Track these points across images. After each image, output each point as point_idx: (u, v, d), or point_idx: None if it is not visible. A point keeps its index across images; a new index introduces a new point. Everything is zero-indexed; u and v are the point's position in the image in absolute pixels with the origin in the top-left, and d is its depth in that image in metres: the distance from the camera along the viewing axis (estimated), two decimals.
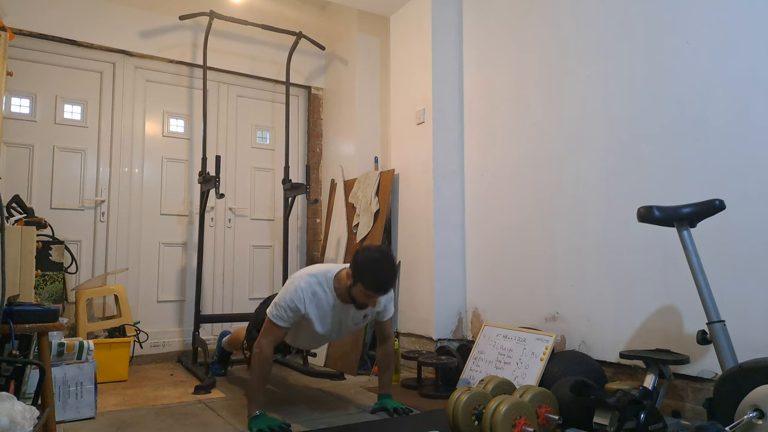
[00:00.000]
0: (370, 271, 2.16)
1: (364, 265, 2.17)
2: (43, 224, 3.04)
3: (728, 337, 1.84)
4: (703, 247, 2.00)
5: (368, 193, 3.80)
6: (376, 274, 2.16)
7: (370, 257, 2.18)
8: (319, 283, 2.27)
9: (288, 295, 2.24)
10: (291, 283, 2.28)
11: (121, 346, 3.10)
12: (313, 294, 2.26)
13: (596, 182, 2.65)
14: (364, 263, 2.17)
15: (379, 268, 2.16)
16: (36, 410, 1.48)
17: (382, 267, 2.17)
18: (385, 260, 2.19)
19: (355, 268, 2.18)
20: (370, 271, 2.15)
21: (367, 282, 2.15)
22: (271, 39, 4.29)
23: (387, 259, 2.20)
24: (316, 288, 2.26)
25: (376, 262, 2.17)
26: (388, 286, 2.21)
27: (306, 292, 2.24)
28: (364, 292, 2.16)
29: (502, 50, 3.26)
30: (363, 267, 2.16)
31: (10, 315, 1.63)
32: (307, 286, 2.25)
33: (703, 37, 2.26)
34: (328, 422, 2.30)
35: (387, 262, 2.19)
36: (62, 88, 3.67)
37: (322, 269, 2.33)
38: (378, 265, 2.17)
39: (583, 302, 2.66)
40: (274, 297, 2.37)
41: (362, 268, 2.16)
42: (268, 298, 2.63)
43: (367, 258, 2.18)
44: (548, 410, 2.01)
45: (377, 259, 2.17)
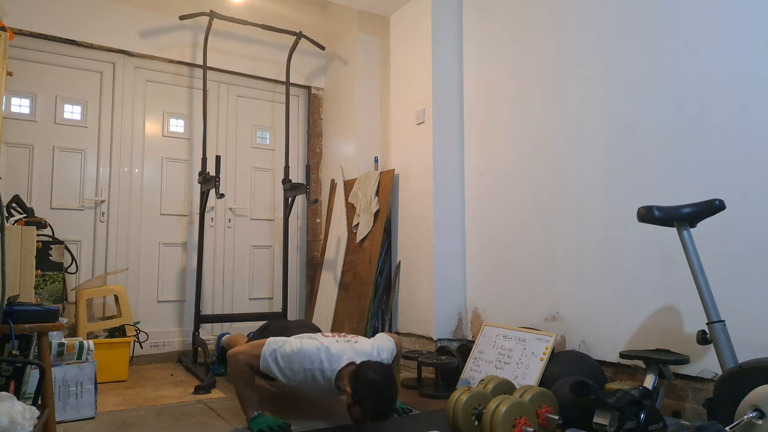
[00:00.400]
0: (370, 397, 2.00)
1: (365, 390, 2.01)
2: (43, 224, 3.04)
3: (728, 337, 1.84)
4: (703, 247, 2.00)
5: (368, 193, 3.80)
6: (377, 403, 2.01)
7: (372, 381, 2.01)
8: (322, 373, 2.15)
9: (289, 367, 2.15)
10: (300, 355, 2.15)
11: (121, 346, 3.10)
12: (313, 379, 2.17)
13: (596, 182, 2.65)
14: (365, 387, 2.01)
15: (380, 396, 2.01)
16: (36, 410, 1.48)
17: (383, 394, 2.02)
18: (386, 384, 2.03)
19: (355, 391, 2.03)
20: (371, 398, 2.00)
21: (367, 409, 2.02)
22: (271, 39, 4.29)
23: (389, 383, 2.05)
24: (317, 376, 2.16)
25: (378, 387, 2.01)
26: (388, 416, 2.06)
27: (308, 373, 2.16)
28: (362, 415, 2.04)
29: (502, 50, 3.26)
30: (363, 391, 2.01)
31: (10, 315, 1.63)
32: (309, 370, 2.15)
33: (703, 37, 2.26)
34: (328, 422, 2.30)
35: (388, 387, 2.04)
36: (62, 88, 3.67)
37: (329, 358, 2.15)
38: (379, 391, 2.01)
39: (583, 302, 2.66)
40: (285, 328, 2.38)
41: (362, 392, 2.01)
42: (269, 326, 2.70)
43: (368, 381, 2.02)
44: (548, 410, 2.01)
45: (379, 384, 2.01)
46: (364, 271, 3.69)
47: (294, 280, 4.42)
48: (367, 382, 2.01)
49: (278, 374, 2.19)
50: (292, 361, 2.16)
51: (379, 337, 2.40)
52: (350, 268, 3.85)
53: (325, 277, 4.10)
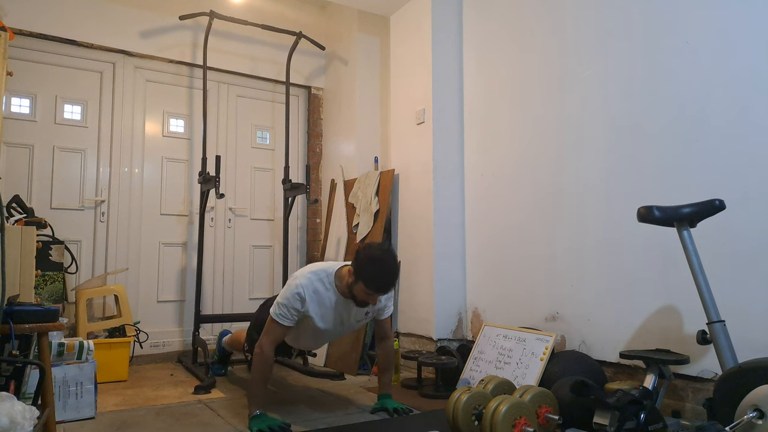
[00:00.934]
0: (372, 270, 2.15)
1: (366, 264, 2.16)
2: (43, 224, 3.04)
3: (728, 337, 1.84)
4: (703, 247, 2.00)
5: (368, 193, 3.80)
6: (378, 274, 2.16)
7: (373, 256, 2.17)
8: (320, 279, 2.28)
9: (290, 292, 2.25)
10: (292, 281, 2.29)
11: (121, 346, 3.10)
12: (315, 291, 2.27)
13: (596, 182, 2.65)
14: (367, 262, 2.16)
15: (381, 268, 2.16)
16: (36, 410, 1.48)
17: (384, 266, 2.17)
18: (387, 259, 2.19)
19: (357, 267, 2.17)
20: (372, 270, 2.15)
21: (369, 281, 2.15)
22: (271, 39, 4.29)
23: (389, 258, 2.20)
24: (317, 285, 2.27)
25: (379, 260, 2.16)
26: (390, 286, 2.21)
27: (307, 288, 2.25)
28: (365, 290, 2.17)
29: (502, 50, 3.26)
30: (365, 266, 2.16)
31: (10, 315, 1.63)
32: (308, 282, 2.26)
33: (703, 37, 2.26)
34: (328, 422, 2.30)
35: (389, 261, 2.19)
36: (62, 88, 3.67)
37: (323, 266, 2.34)
38: (380, 264, 2.16)
39: (583, 302, 2.66)
40: (275, 299, 2.37)
41: (364, 266, 2.16)
42: (268, 300, 2.63)
43: (369, 256, 2.17)
44: (548, 410, 2.01)
45: (379, 258, 2.17)
46: None
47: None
48: (371, 258, 2.16)
49: (297, 311, 2.24)
50: (298, 286, 2.24)
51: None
52: None
53: None
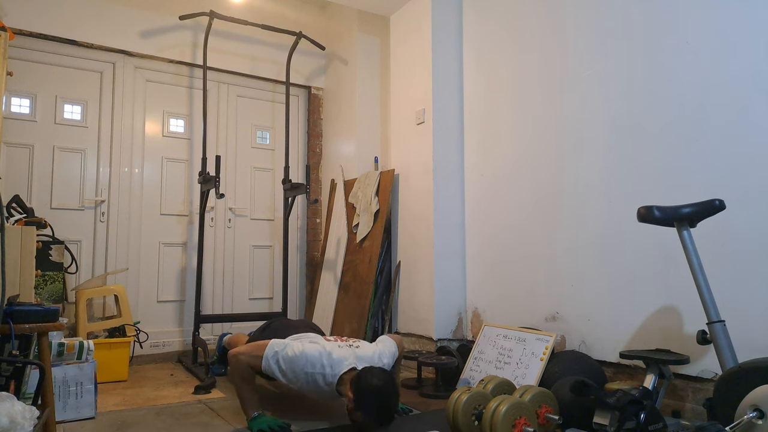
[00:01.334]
0: (372, 403, 2.01)
1: (367, 396, 2.02)
2: (43, 224, 3.04)
3: (728, 337, 1.84)
4: (703, 247, 2.00)
5: (368, 193, 3.80)
6: (379, 408, 2.02)
7: (374, 387, 2.02)
8: (323, 376, 2.16)
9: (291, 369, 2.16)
10: (302, 359, 2.15)
11: (121, 346, 3.10)
12: (314, 383, 2.18)
13: (596, 182, 2.65)
14: (367, 393, 2.02)
15: (381, 402, 2.02)
16: (36, 410, 1.48)
17: (384, 400, 2.03)
18: (388, 390, 2.04)
19: (357, 395, 2.03)
20: (373, 404, 2.01)
21: (370, 415, 2.03)
22: (271, 39, 4.29)
23: (391, 389, 2.05)
24: (318, 379, 2.17)
25: (380, 393, 2.02)
26: (391, 419, 2.07)
27: (309, 379, 2.17)
28: (364, 419, 2.05)
29: (502, 50, 3.26)
30: (366, 397, 2.02)
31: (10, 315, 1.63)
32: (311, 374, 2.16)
33: (703, 37, 2.26)
34: (328, 422, 2.30)
35: (390, 393, 2.05)
36: (62, 88, 3.67)
37: (330, 360, 2.16)
38: (381, 396, 2.02)
39: (583, 302, 2.66)
40: (281, 329, 2.38)
41: (365, 398, 2.02)
42: (270, 325, 2.69)
43: (370, 387, 2.02)
44: (548, 410, 2.01)
45: (381, 390, 2.02)
46: (364, 271, 3.69)
47: (294, 280, 4.42)
48: (369, 388, 2.02)
49: (280, 376, 2.20)
50: (294, 364, 2.16)
51: (380, 341, 2.40)
52: (350, 268, 3.85)
53: (325, 277, 4.11)
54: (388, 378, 2.08)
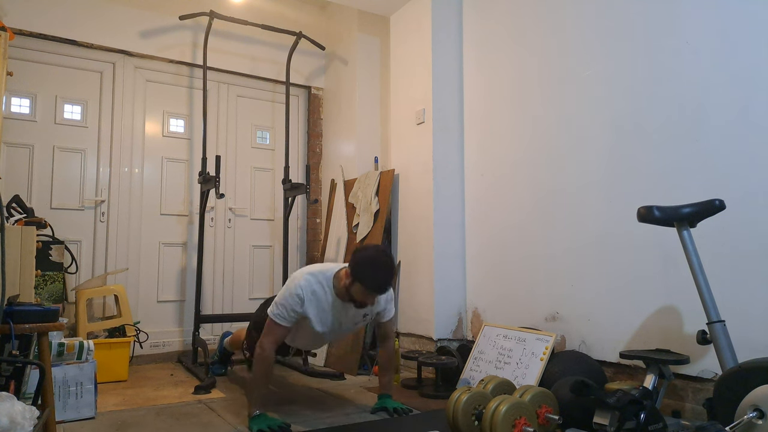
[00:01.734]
0: (368, 270, 2.16)
1: (363, 265, 2.17)
2: (43, 224, 3.04)
3: (728, 337, 1.84)
4: (703, 247, 2.00)
5: (368, 193, 3.80)
6: (375, 274, 2.16)
7: (369, 256, 2.19)
8: (318, 282, 2.28)
9: (288, 293, 2.27)
10: (291, 282, 2.30)
11: (121, 346, 3.10)
12: (313, 293, 2.27)
13: (596, 182, 2.65)
14: (363, 262, 2.18)
15: (377, 268, 2.17)
16: (36, 410, 1.48)
17: (380, 266, 2.18)
18: (383, 259, 2.19)
19: (354, 268, 2.18)
20: (369, 271, 2.16)
21: (366, 281, 2.16)
22: (271, 39, 4.29)
23: (385, 258, 2.20)
24: (315, 287, 2.28)
25: (375, 261, 2.18)
26: (387, 286, 2.21)
27: (305, 290, 2.26)
28: (363, 291, 2.18)
29: (502, 50, 3.26)
30: (361, 266, 2.17)
31: (10, 315, 1.63)
32: (306, 284, 2.27)
33: (703, 37, 2.26)
34: (328, 422, 2.30)
35: (385, 262, 2.20)
36: (62, 88, 3.67)
37: (321, 268, 2.35)
38: (376, 264, 2.17)
39: (583, 302, 2.66)
40: (274, 298, 2.37)
41: (361, 267, 2.17)
42: (268, 300, 2.63)
43: (365, 257, 2.19)
44: (548, 410, 2.01)
45: (376, 258, 2.18)
46: None
47: None
48: (367, 258, 2.18)
49: (296, 311, 2.25)
50: (297, 288, 2.25)
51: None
52: None
53: None
54: (383, 249, 2.27)
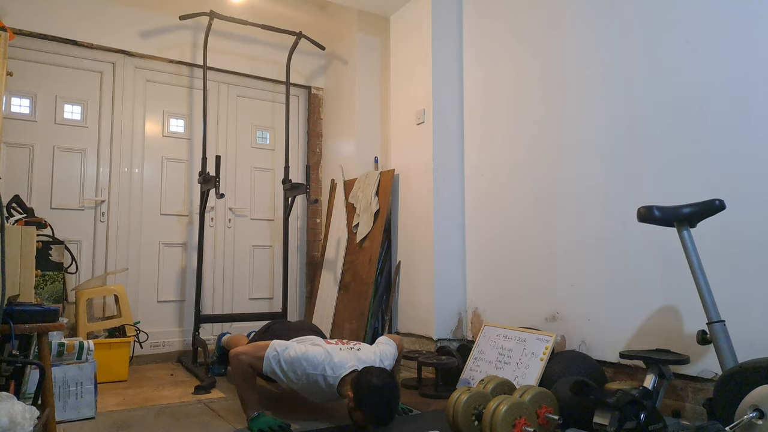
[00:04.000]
0: (371, 403, 2.02)
1: (367, 395, 2.02)
2: (43, 224, 3.04)
3: (728, 337, 1.84)
4: (703, 247, 2.00)
5: (368, 193, 3.80)
6: (378, 408, 2.02)
7: (375, 386, 2.02)
8: (324, 377, 2.16)
9: (292, 370, 2.17)
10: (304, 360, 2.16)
11: (121, 346, 3.10)
12: (315, 384, 2.18)
13: (596, 182, 2.65)
14: (366, 394, 2.02)
15: (381, 401, 2.02)
16: (36, 410, 1.48)
17: (383, 399, 2.03)
18: (388, 391, 2.04)
19: (357, 395, 2.04)
20: (372, 405, 2.02)
21: (369, 416, 2.03)
22: (271, 39, 4.29)
23: (392, 390, 2.05)
24: (320, 381, 2.17)
25: (379, 392, 2.02)
26: (390, 420, 2.07)
27: (310, 378, 2.17)
28: (365, 419, 2.05)
29: (503, 50, 3.26)
30: (365, 396, 2.02)
31: (10, 315, 1.63)
32: (312, 375, 2.17)
33: (703, 37, 2.26)
34: (329, 422, 2.30)
35: (390, 394, 2.04)
36: (62, 88, 3.67)
37: (335, 362, 2.17)
38: (380, 396, 2.02)
39: (583, 302, 2.66)
40: (283, 330, 2.41)
41: (364, 397, 2.02)
42: (272, 329, 2.70)
43: (371, 386, 2.02)
44: (548, 410, 2.01)
45: (380, 389, 2.02)
46: (364, 271, 3.69)
47: (294, 280, 4.42)
48: (369, 387, 2.02)
49: (281, 377, 2.21)
50: (295, 365, 2.17)
51: (380, 342, 2.41)
52: (350, 268, 3.85)
53: (325, 277, 4.10)
54: (388, 377, 2.08)
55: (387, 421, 2.06)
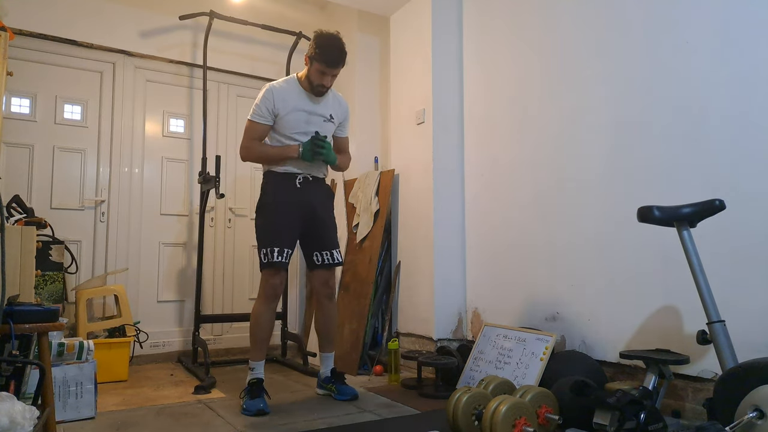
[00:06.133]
0: (322, 47, 2.52)
1: (318, 44, 2.53)
2: (43, 224, 3.04)
3: (728, 337, 1.84)
4: (703, 247, 2.00)
5: (368, 193, 3.80)
6: (328, 49, 2.52)
7: (322, 34, 2.56)
8: (284, 80, 2.68)
9: (260, 95, 2.63)
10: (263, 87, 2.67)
11: (121, 346, 3.11)
12: (280, 87, 2.64)
13: (596, 182, 2.65)
14: (317, 40, 2.54)
15: (329, 43, 2.53)
16: (36, 410, 1.48)
17: (332, 42, 2.54)
18: (335, 37, 2.56)
19: (310, 48, 2.54)
20: (323, 47, 2.52)
21: (320, 56, 2.51)
22: (271, 39, 4.29)
23: (337, 37, 2.57)
24: (282, 84, 2.66)
25: (327, 37, 2.55)
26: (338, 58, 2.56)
27: (274, 87, 2.63)
28: (318, 69, 2.54)
29: (503, 50, 3.26)
30: (317, 44, 2.53)
31: (10, 315, 1.63)
32: (274, 84, 2.65)
33: (703, 37, 2.26)
34: (328, 422, 2.30)
35: (337, 39, 2.56)
36: (62, 88, 3.67)
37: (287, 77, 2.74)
38: (329, 40, 2.54)
39: (583, 302, 2.66)
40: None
41: (316, 46, 2.53)
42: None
43: (319, 36, 2.55)
44: (548, 410, 2.01)
45: (328, 36, 2.56)
46: (364, 271, 3.69)
47: (294, 280, 4.42)
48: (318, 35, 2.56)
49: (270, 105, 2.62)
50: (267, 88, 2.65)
51: None
52: (350, 268, 3.85)
53: None
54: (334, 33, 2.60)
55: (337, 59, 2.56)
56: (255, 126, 2.65)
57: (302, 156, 2.58)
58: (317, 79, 2.58)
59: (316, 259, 2.74)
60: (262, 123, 2.63)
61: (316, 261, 2.75)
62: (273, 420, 2.33)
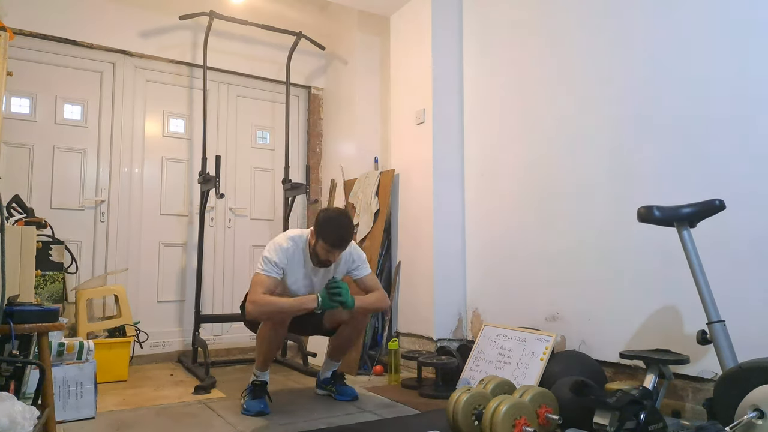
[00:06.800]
0: (329, 227, 2.44)
1: (323, 224, 2.45)
2: (43, 224, 3.03)
3: (728, 337, 1.84)
4: (703, 247, 1.99)
5: (368, 193, 3.80)
6: (334, 231, 2.44)
7: (329, 216, 2.49)
8: (295, 244, 2.55)
9: (274, 249, 2.52)
10: (273, 242, 2.56)
11: (121, 346, 3.10)
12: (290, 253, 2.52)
13: (596, 182, 2.65)
14: (324, 222, 2.45)
15: (337, 225, 2.45)
16: (36, 410, 1.48)
17: (339, 224, 2.46)
18: (341, 218, 2.49)
19: (317, 227, 2.46)
20: (329, 228, 2.44)
21: (326, 237, 2.42)
22: (271, 39, 4.29)
23: (343, 218, 2.51)
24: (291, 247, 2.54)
25: (335, 219, 2.47)
26: (344, 241, 2.47)
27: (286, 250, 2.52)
28: (324, 247, 2.44)
29: (503, 50, 3.26)
30: (323, 225, 2.45)
31: (10, 315, 1.63)
32: (286, 245, 2.52)
33: (704, 37, 2.26)
34: (328, 422, 2.30)
35: (343, 220, 2.49)
36: (62, 88, 3.67)
37: (298, 233, 2.62)
38: (336, 222, 2.46)
39: (583, 302, 2.66)
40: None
41: (322, 226, 2.45)
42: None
43: (326, 217, 2.48)
44: (548, 410, 2.01)
45: (335, 218, 2.48)
46: None
47: None
48: (328, 218, 2.48)
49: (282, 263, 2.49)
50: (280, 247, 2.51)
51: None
52: None
53: None
54: (341, 210, 2.62)
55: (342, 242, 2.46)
56: (266, 279, 2.45)
57: (322, 305, 2.44)
58: (324, 255, 2.48)
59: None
60: (273, 276, 2.47)
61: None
62: (273, 420, 2.33)
